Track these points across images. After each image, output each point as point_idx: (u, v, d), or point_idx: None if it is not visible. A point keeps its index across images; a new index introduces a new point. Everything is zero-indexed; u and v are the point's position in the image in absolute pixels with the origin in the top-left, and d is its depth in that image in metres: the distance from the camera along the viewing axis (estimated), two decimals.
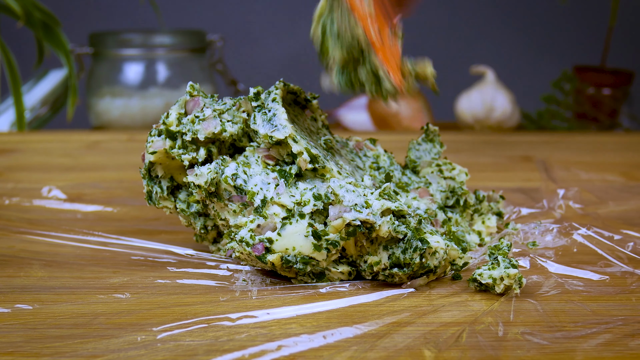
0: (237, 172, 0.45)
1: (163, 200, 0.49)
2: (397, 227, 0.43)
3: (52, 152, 0.83)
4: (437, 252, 0.43)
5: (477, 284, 0.43)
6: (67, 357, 0.35)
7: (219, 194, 0.45)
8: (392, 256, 0.43)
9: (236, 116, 0.47)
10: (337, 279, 0.44)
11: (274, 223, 0.43)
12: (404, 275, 0.43)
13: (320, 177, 0.45)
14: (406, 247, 0.43)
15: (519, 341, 0.36)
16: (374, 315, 0.39)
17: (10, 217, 0.58)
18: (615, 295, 0.42)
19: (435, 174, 0.53)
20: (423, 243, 0.42)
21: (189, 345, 0.36)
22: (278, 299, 0.42)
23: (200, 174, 0.44)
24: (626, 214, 0.58)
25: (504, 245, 0.44)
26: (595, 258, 0.48)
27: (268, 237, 0.43)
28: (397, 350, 0.36)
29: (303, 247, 0.42)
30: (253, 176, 0.45)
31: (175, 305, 0.41)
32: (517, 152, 0.83)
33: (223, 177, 0.44)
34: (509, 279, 0.41)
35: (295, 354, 0.35)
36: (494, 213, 0.55)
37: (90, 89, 1.08)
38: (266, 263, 0.42)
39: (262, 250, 0.42)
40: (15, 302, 0.41)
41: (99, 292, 0.43)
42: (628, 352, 0.35)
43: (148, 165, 0.48)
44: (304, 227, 0.43)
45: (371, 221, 0.42)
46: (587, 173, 0.71)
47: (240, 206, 0.45)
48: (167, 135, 0.47)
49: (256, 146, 0.46)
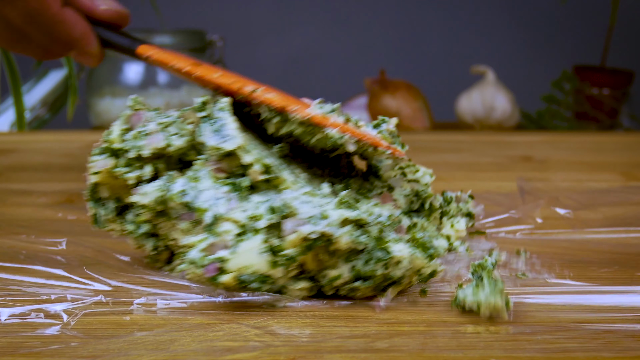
0: (185, 189, 0.42)
1: (110, 223, 0.46)
2: (357, 238, 0.40)
3: (52, 152, 0.83)
4: (400, 262, 0.40)
5: (461, 308, 0.40)
6: (67, 357, 0.35)
7: (167, 213, 0.42)
8: (353, 269, 0.40)
9: (182, 129, 0.44)
10: (297, 296, 0.41)
11: (226, 241, 0.40)
12: (367, 288, 0.41)
13: (274, 188, 0.42)
14: (368, 258, 0.40)
15: (519, 341, 0.36)
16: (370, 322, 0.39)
17: (11, 217, 0.58)
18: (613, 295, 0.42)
19: (398, 177, 0.50)
20: (386, 253, 0.40)
21: (190, 345, 0.36)
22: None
23: (145, 193, 0.42)
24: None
25: (488, 264, 0.41)
26: None
27: (220, 257, 0.39)
28: (397, 349, 0.36)
29: (259, 264, 0.39)
30: (203, 191, 0.42)
31: (175, 306, 0.41)
32: (517, 152, 0.83)
33: (170, 194, 0.42)
34: (495, 306, 0.39)
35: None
36: (464, 214, 0.52)
37: (90, 89, 1.08)
38: (219, 285, 0.40)
39: (214, 271, 0.39)
40: (16, 302, 0.41)
41: (100, 294, 0.43)
42: (628, 352, 0.35)
43: (92, 186, 0.45)
44: (258, 243, 0.40)
45: (329, 233, 0.39)
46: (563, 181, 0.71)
47: (190, 224, 0.42)
48: (109, 153, 0.44)
49: (205, 159, 0.43)
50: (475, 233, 0.53)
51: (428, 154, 0.81)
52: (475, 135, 0.96)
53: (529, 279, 0.45)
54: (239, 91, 0.44)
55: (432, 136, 0.95)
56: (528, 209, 0.58)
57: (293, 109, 0.44)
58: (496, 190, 0.66)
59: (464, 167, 0.76)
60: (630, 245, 0.51)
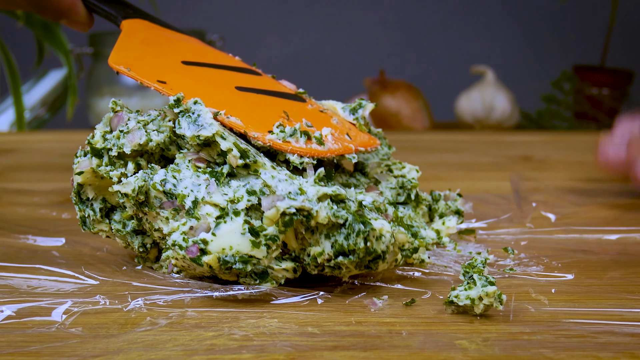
0: (165, 178, 0.43)
1: (97, 224, 0.46)
2: (336, 212, 0.40)
3: (52, 152, 0.83)
4: (383, 236, 0.41)
5: (455, 307, 0.40)
6: (67, 357, 0.35)
7: (149, 202, 0.43)
8: (335, 244, 0.40)
9: (162, 125, 0.45)
10: (282, 277, 0.42)
11: (207, 223, 0.41)
12: (351, 263, 0.41)
13: (254, 173, 0.43)
14: (348, 232, 0.40)
15: (519, 341, 0.36)
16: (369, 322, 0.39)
17: (10, 217, 0.58)
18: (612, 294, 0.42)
19: (384, 173, 0.51)
20: (366, 225, 0.40)
21: (189, 344, 0.36)
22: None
23: (127, 182, 0.43)
24: None
25: (478, 263, 0.42)
26: None
27: (202, 239, 0.40)
28: (396, 349, 0.36)
29: (240, 245, 0.40)
30: (183, 180, 0.43)
31: (175, 306, 0.41)
32: (516, 151, 0.83)
33: (152, 183, 0.42)
34: (487, 297, 0.39)
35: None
36: (453, 212, 0.52)
37: (90, 89, 1.08)
38: (202, 265, 0.40)
39: (196, 252, 0.40)
40: (16, 302, 0.41)
41: (99, 293, 0.43)
42: (628, 352, 0.35)
43: (77, 187, 0.46)
44: (239, 224, 0.41)
45: (307, 207, 0.40)
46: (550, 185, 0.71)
47: (172, 212, 0.43)
48: (92, 153, 0.45)
49: (186, 152, 0.44)
50: (464, 232, 0.53)
51: (428, 154, 0.81)
52: (474, 135, 0.96)
53: (516, 272, 0.45)
54: None
55: (432, 136, 0.95)
56: (521, 213, 0.58)
57: (254, 135, 0.44)
58: (495, 190, 0.66)
59: (463, 167, 0.76)
60: (628, 244, 0.51)
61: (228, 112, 0.45)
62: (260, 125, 0.45)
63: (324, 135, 0.46)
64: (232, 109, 0.46)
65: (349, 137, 0.48)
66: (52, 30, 1.01)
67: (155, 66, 0.49)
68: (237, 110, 0.46)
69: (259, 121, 0.46)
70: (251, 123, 0.45)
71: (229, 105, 0.46)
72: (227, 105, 0.46)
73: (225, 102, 0.46)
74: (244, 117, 0.45)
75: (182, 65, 0.50)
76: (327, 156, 0.46)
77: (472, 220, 0.55)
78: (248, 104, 0.48)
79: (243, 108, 0.47)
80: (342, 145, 0.47)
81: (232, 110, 0.45)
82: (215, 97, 0.47)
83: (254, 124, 0.45)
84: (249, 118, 0.46)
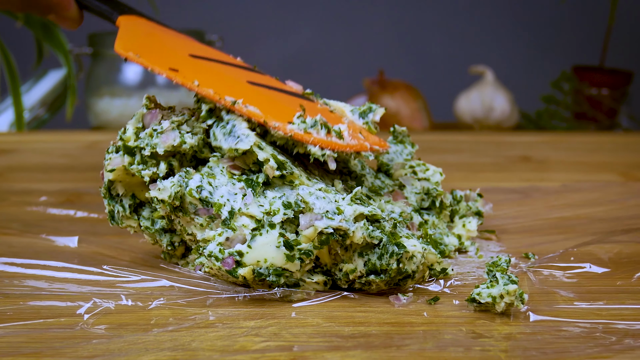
0: (201, 184, 0.42)
1: (126, 220, 0.46)
2: (371, 233, 0.41)
3: (52, 152, 0.83)
4: (414, 257, 0.41)
5: (477, 304, 0.40)
6: (67, 357, 0.35)
7: (184, 207, 0.43)
8: (367, 263, 0.41)
9: (196, 127, 0.45)
10: (313, 289, 0.42)
11: (243, 235, 0.41)
12: (381, 282, 0.41)
13: (289, 184, 0.43)
14: (382, 252, 0.41)
15: (519, 341, 0.36)
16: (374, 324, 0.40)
17: (9, 216, 0.58)
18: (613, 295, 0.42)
19: (408, 175, 0.51)
20: (400, 248, 0.41)
21: (190, 344, 0.36)
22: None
23: (163, 188, 0.42)
24: None
25: (502, 262, 0.42)
26: None
27: (238, 250, 0.40)
28: (398, 349, 0.36)
29: (275, 258, 0.41)
30: (219, 187, 0.43)
31: (176, 305, 0.41)
32: (516, 152, 0.83)
33: (187, 190, 0.42)
34: (509, 295, 0.39)
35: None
36: (474, 213, 0.52)
37: (89, 89, 1.08)
38: (237, 277, 0.41)
39: (232, 264, 0.40)
40: (16, 302, 0.41)
41: (100, 292, 0.43)
42: (628, 352, 0.35)
43: (107, 184, 0.45)
44: (275, 237, 0.41)
45: (344, 228, 0.40)
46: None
47: (207, 219, 0.43)
48: (125, 151, 0.44)
49: (220, 156, 0.44)
50: (485, 231, 0.53)
51: (427, 154, 0.81)
52: (474, 135, 0.96)
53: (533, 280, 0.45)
54: (221, 102, 0.44)
55: (431, 136, 0.95)
56: None
57: (274, 125, 0.43)
58: (495, 190, 0.66)
59: (463, 167, 0.76)
60: (629, 244, 0.51)
61: (246, 102, 0.44)
62: (279, 117, 0.44)
63: (342, 131, 0.46)
64: (248, 100, 0.44)
65: (362, 135, 0.48)
66: (52, 31, 1.01)
67: (164, 56, 0.47)
68: (254, 101, 0.45)
69: (278, 113, 0.45)
70: (270, 114, 0.44)
71: (244, 97, 0.44)
72: (243, 97, 0.44)
73: (240, 94, 0.45)
74: (261, 108, 0.44)
75: (190, 57, 0.49)
76: (346, 150, 0.45)
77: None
78: (263, 97, 0.47)
79: (259, 100, 0.46)
80: (359, 142, 0.46)
81: (248, 101, 0.44)
82: (230, 89, 0.45)
83: (273, 115, 0.44)
84: (267, 109, 0.45)
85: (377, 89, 1.10)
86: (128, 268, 0.46)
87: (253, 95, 0.46)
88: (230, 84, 0.47)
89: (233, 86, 0.46)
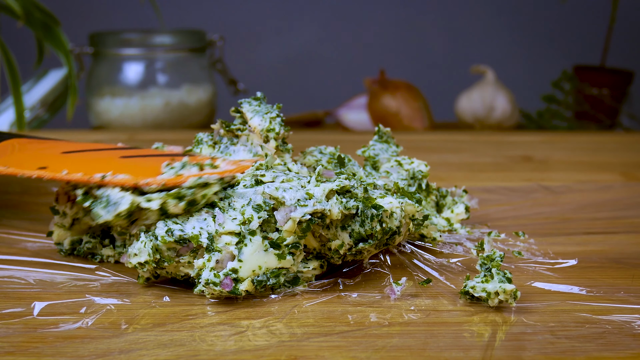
0: (169, 227, 0.42)
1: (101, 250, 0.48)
2: (346, 205, 0.42)
3: None
4: (394, 213, 0.42)
5: (469, 297, 0.41)
6: (68, 357, 0.35)
7: (164, 256, 0.42)
8: (352, 233, 0.42)
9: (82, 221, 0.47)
10: (312, 276, 0.43)
11: (230, 252, 0.41)
12: (371, 247, 0.42)
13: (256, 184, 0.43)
14: (362, 219, 0.42)
15: (520, 341, 0.36)
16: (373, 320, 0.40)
17: (11, 216, 0.58)
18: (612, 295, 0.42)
19: (395, 167, 0.52)
20: (377, 209, 0.42)
21: (190, 344, 0.36)
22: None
23: (140, 251, 0.42)
24: None
25: (496, 256, 0.42)
26: None
27: (232, 269, 0.41)
28: (398, 349, 0.36)
29: (267, 262, 0.41)
30: (186, 222, 0.42)
31: (176, 305, 0.41)
32: (517, 151, 0.83)
33: (160, 239, 0.41)
34: (505, 294, 0.40)
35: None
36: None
37: (90, 89, 1.08)
38: (241, 294, 0.41)
39: (231, 283, 0.41)
40: (16, 302, 0.41)
41: (100, 293, 0.43)
42: (629, 352, 0.35)
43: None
44: (259, 243, 0.41)
45: (320, 209, 0.41)
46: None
47: (191, 255, 0.42)
48: None
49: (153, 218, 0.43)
50: (477, 224, 0.54)
51: (428, 154, 0.81)
52: (475, 135, 0.96)
53: (524, 258, 0.47)
54: (90, 181, 0.44)
55: (432, 136, 0.95)
56: None
57: (145, 182, 0.43)
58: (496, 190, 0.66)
59: (463, 167, 0.76)
60: (630, 244, 0.51)
61: (115, 173, 0.44)
62: (152, 175, 0.44)
63: (214, 162, 0.46)
64: (118, 172, 0.44)
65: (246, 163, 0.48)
66: (52, 30, 1.01)
67: (34, 160, 0.48)
68: (125, 171, 0.44)
69: (151, 173, 0.45)
70: (142, 176, 0.44)
71: (114, 170, 0.44)
72: (112, 170, 0.44)
73: (110, 169, 0.45)
74: (134, 174, 0.44)
75: (61, 154, 0.49)
76: (224, 175, 0.44)
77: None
78: (136, 166, 0.47)
79: (132, 169, 0.45)
80: (239, 166, 0.46)
81: (119, 172, 0.44)
82: (99, 168, 0.45)
83: (145, 176, 0.44)
84: (140, 173, 0.44)
85: (378, 88, 1.10)
86: (128, 268, 0.46)
87: (124, 167, 0.46)
88: (100, 165, 0.47)
89: (104, 166, 0.46)
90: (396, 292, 0.42)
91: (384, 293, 0.42)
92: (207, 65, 1.09)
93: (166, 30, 1.09)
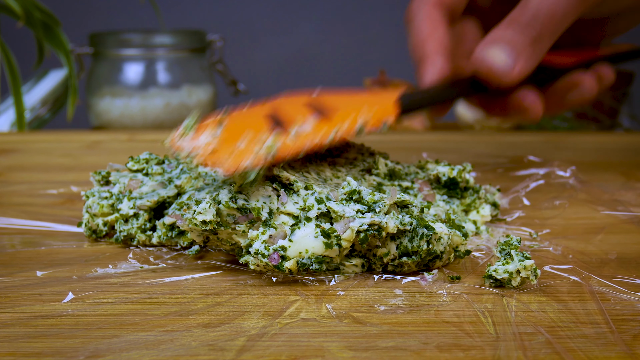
0: (233, 194, 0.45)
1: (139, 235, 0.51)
2: (402, 221, 0.44)
3: (52, 152, 0.83)
4: (442, 238, 0.45)
5: (493, 280, 0.43)
6: (68, 357, 0.35)
7: (222, 221, 0.45)
8: (400, 246, 0.44)
9: None
10: (352, 272, 0.46)
11: (284, 231, 0.44)
12: (413, 263, 0.45)
13: None
14: (413, 235, 0.44)
15: (521, 341, 0.36)
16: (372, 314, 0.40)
17: (11, 216, 0.58)
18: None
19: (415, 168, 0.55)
20: (429, 230, 0.44)
21: (190, 344, 0.36)
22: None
23: (204, 211, 0.44)
24: None
25: (514, 241, 0.45)
26: None
27: (281, 246, 0.44)
28: (399, 349, 0.36)
29: (315, 247, 0.44)
30: (252, 193, 0.45)
31: (177, 304, 0.41)
32: (517, 152, 0.83)
33: (224, 201, 0.45)
34: (525, 270, 0.42)
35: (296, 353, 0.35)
36: (489, 203, 0.56)
37: (90, 89, 1.08)
38: (284, 270, 0.43)
39: (278, 259, 0.43)
40: (16, 301, 0.41)
41: (100, 292, 0.43)
42: (628, 351, 0.35)
43: None
44: (312, 229, 0.44)
45: (377, 222, 0.44)
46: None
47: (247, 225, 0.45)
48: None
49: None
50: (496, 220, 0.56)
51: (428, 154, 0.81)
52: (474, 135, 0.96)
53: (535, 248, 0.49)
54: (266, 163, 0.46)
55: (432, 136, 0.95)
56: None
57: None
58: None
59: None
60: (630, 245, 0.51)
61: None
62: None
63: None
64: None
65: None
66: (53, 30, 1.01)
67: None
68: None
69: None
70: None
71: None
72: None
73: None
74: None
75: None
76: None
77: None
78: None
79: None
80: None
81: None
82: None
83: None
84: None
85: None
86: (128, 268, 0.46)
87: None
88: None
89: None
90: (427, 279, 0.44)
91: (388, 298, 0.42)
92: (207, 65, 1.09)
93: (166, 31, 1.09)
